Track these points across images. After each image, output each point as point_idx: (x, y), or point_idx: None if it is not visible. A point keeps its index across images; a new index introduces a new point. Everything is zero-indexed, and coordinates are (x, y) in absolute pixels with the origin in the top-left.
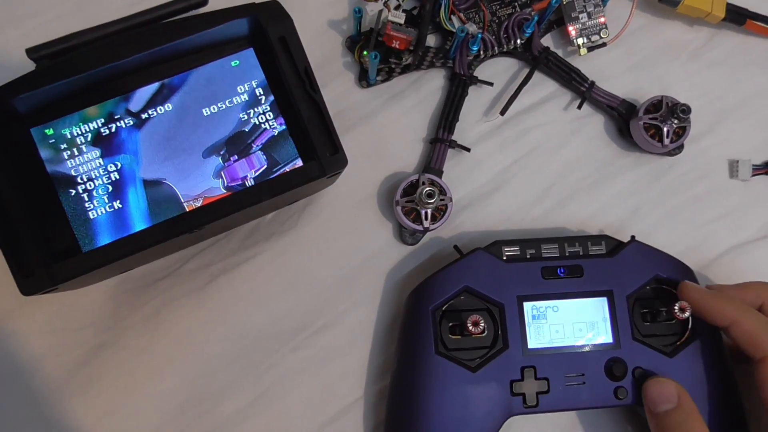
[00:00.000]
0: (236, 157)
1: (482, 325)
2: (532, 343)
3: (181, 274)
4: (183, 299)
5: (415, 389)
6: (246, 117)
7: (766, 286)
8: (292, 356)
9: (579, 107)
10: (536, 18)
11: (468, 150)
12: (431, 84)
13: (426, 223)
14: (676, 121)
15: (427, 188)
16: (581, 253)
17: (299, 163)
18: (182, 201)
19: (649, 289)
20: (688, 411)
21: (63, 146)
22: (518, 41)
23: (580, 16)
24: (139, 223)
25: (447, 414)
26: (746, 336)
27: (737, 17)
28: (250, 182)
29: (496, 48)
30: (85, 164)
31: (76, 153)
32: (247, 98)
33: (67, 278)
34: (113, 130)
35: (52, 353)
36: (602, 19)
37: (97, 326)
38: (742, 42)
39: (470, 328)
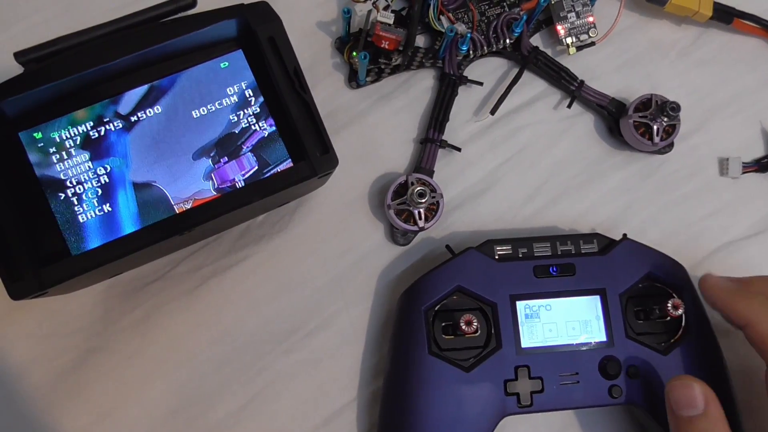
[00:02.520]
0: (226, 158)
1: (475, 324)
2: (526, 342)
3: (171, 277)
4: (173, 303)
5: (409, 390)
6: (236, 118)
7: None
8: (284, 358)
9: (569, 106)
10: (525, 18)
11: (459, 150)
12: (421, 84)
13: (420, 223)
14: (665, 119)
15: (419, 188)
16: (573, 252)
17: (290, 163)
18: (172, 203)
19: (642, 286)
20: (715, 420)
21: (52, 150)
22: (507, 41)
23: (569, 15)
24: (128, 225)
25: (441, 414)
26: (759, 339)
27: (724, 16)
28: (240, 184)
29: (485, 48)
30: (75, 168)
31: (65, 156)
32: (236, 100)
33: (56, 282)
34: (102, 133)
35: (40, 359)
36: (591, 19)
37: (86, 331)
38: (729, 40)
39: (463, 327)
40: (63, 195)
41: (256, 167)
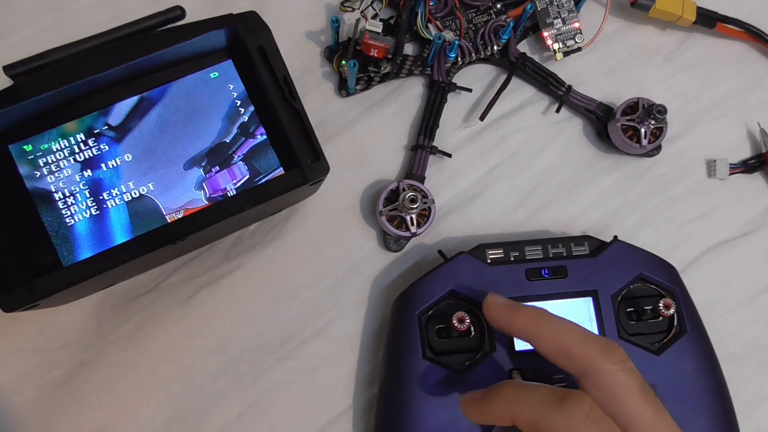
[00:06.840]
0: (218, 168)
1: (467, 321)
2: (519, 345)
3: (164, 288)
4: (166, 313)
5: (404, 395)
6: (226, 128)
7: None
8: (279, 367)
9: (557, 111)
10: (512, 24)
11: (449, 156)
12: (410, 92)
13: (413, 228)
14: (653, 122)
15: (410, 193)
16: (565, 254)
17: (281, 171)
18: (164, 213)
19: (634, 287)
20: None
21: (42, 162)
22: (495, 48)
23: (555, 21)
24: (120, 236)
25: (436, 419)
26: (559, 350)
27: (707, 20)
28: (231, 192)
29: (473, 55)
30: (65, 179)
31: (56, 168)
32: (227, 109)
33: (48, 293)
34: (93, 144)
35: (33, 373)
36: (576, 25)
37: (79, 344)
38: (713, 44)
39: (455, 324)
40: (54, 206)
41: (248, 176)
